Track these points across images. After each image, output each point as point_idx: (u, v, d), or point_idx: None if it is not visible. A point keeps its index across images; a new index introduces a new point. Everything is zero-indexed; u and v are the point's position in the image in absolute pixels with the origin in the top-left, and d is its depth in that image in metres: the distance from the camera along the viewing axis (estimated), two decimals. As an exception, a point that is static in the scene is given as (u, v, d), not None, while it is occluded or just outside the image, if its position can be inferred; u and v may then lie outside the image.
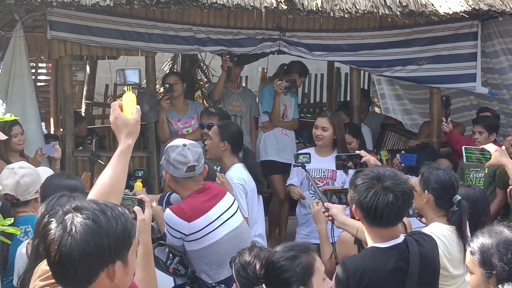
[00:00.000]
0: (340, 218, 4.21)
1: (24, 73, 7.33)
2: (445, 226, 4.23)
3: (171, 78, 8.24)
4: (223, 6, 6.88)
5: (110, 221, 2.28)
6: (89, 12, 7.13)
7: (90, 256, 2.23)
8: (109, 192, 2.87)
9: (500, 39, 8.59)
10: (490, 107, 9.32)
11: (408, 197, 3.50)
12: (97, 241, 2.23)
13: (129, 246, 2.33)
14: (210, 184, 4.90)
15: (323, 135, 6.73)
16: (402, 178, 3.55)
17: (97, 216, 2.27)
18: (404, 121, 11.01)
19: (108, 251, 2.25)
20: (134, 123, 3.06)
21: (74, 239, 2.22)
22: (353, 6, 7.24)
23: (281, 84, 8.09)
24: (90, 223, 2.25)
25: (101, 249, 2.24)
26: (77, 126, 8.61)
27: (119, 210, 2.35)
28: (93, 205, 2.32)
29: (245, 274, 3.84)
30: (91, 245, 2.22)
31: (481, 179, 7.27)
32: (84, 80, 13.66)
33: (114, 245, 2.26)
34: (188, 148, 4.65)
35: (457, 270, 4.20)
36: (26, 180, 4.66)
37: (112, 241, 2.26)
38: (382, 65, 8.30)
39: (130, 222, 2.36)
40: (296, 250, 3.43)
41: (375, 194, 3.43)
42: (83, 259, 2.22)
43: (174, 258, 4.66)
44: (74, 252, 2.21)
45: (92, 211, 2.29)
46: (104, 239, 2.24)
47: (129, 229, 2.33)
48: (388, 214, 3.43)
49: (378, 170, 3.60)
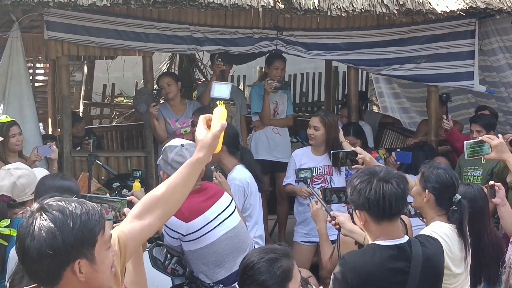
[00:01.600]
0: (347, 226, 4.20)
1: (21, 74, 7.32)
2: (446, 225, 4.22)
3: (164, 80, 8.21)
4: (220, 5, 6.87)
5: (67, 220, 2.30)
6: (86, 12, 7.12)
7: (46, 256, 2.27)
8: (157, 202, 2.92)
9: (497, 37, 8.59)
10: (488, 105, 9.33)
11: (405, 182, 3.59)
12: (51, 242, 2.27)
13: (91, 244, 2.35)
14: (207, 184, 4.90)
15: (315, 134, 6.74)
16: (392, 170, 3.73)
17: (54, 216, 2.31)
18: (402, 120, 11.02)
19: (64, 251, 2.28)
20: (210, 137, 3.02)
21: (32, 239, 2.28)
22: (350, 5, 7.23)
23: (272, 83, 8.05)
24: (47, 224, 2.29)
25: (55, 249, 2.27)
26: (75, 127, 8.62)
27: (83, 208, 2.37)
28: (56, 205, 2.36)
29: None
30: (45, 246, 2.27)
31: (479, 177, 7.26)
32: (82, 80, 13.66)
33: (70, 244, 2.29)
34: (186, 148, 4.65)
35: (459, 269, 4.20)
36: (22, 181, 4.66)
37: (68, 240, 2.28)
38: (379, 64, 8.29)
39: (95, 219, 2.37)
40: (277, 253, 3.38)
41: (378, 185, 3.49)
42: (41, 259, 2.27)
43: (172, 258, 4.66)
44: (32, 252, 2.27)
45: (51, 212, 2.32)
46: (58, 239, 2.28)
47: (91, 227, 2.35)
48: (395, 200, 3.48)
49: (369, 168, 3.68)
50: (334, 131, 6.76)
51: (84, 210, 2.36)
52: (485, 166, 7.21)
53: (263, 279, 3.29)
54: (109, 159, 7.78)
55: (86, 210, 2.37)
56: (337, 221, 4.30)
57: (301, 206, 6.84)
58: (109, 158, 7.82)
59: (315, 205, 4.87)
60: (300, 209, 6.85)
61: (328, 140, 6.72)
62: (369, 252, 3.54)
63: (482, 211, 4.84)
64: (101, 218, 2.41)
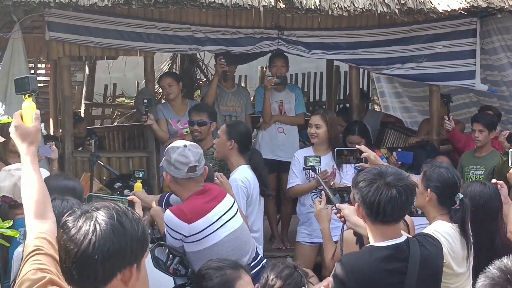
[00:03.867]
0: (352, 219, 4.16)
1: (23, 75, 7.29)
2: (449, 224, 4.22)
3: (165, 81, 8.18)
4: (221, 5, 6.87)
5: (132, 223, 2.28)
6: (87, 12, 7.13)
7: (112, 256, 2.22)
8: (45, 204, 2.89)
9: (499, 36, 8.57)
10: (489, 104, 9.32)
11: (411, 192, 3.49)
12: (121, 242, 2.23)
13: (146, 251, 2.33)
14: (210, 185, 4.89)
15: (317, 132, 6.71)
16: (404, 174, 3.56)
17: (121, 217, 2.27)
18: (404, 119, 11.01)
19: (129, 253, 2.25)
20: (35, 131, 3.06)
21: (99, 238, 2.22)
22: (351, 4, 7.23)
23: (271, 79, 8.05)
24: (115, 223, 2.25)
25: (124, 250, 2.24)
26: (76, 127, 8.61)
27: (135, 214, 2.35)
28: (113, 206, 2.32)
29: (264, 286, 3.89)
30: (116, 245, 2.22)
31: (481, 176, 7.27)
32: (83, 81, 13.66)
33: (135, 248, 2.26)
34: (189, 149, 4.66)
35: (461, 268, 4.20)
36: (22, 182, 4.64)
37: (134, 243, 2.26)
38: (381, 63, 8.29)
39: (146, 228, 2.37)
40: (224, 263, 3.66)
41: (378, 189, 3.43)
42: (105, 259, 2.21)
43: (174, 258, 4.65)
44: (97, 251, 2.21)
45: (116, 212, 2.29)
46: (128, 240, 2.24)
47: (147, 234, 2.34)
48: (391, 209, 3.42)
49: (380, 167, 3.61)
50: (335, 129, 6.77)
51: (137, 216, 2.35)
52: (487, 165, 7.22)
53: (206, 286, 3.66)
54: (110, 159, 7.78)
55: (139, 217, 2.35)
56: (342, 213, 4.30)
57: (303, 206, 6.82)
58: (111, 159, 7.81)
59: (318, 205, 4.86)
60: (303, 209, 6.83)
61: (330, 137, 6.70)
62: (365, 254, 3.53)
63: (496, 211, 4.82)
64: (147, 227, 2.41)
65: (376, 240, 3.51)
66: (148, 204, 5.26)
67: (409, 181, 3.51)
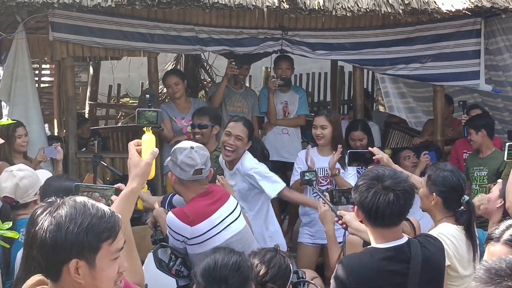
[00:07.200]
0: (353, 224, 4.16)
1: (27, 75, 7.32)
2: (454, 226, 4.20)
3: (171, 79, 8.14)
4: (225, 6, 6.87)
5: (77, 218, 2.32)
6: (90, 13, 7.12)
7: (47, 247, 2.30)
8: None
9: (503, 36, 8.56)
10: (494, 104, 9.33)
11: (409, 196, 3.46)
12: (55, 234, 2.30)
13: (93, 248, 2.34)
14: (214, 187, 4.86)
15: (323, 133, 6.69)
16: (402, 177, 3.53)
17: (66, 212, 2.33)
18: (408, 119, 11.00)
19: (63, 247, 2.30)
20: (143, 166, 2.99)
21: (41, 227, 2.33)
22: (355, 4, 7.23)
23: (275, 81, 8.10)
24: (58, 217, 2.32)
25: (57, 242, 2.30)
26: (80, 128, 8.62)
27: (99, 212, 2.36)
28: (76, 201, 2.38)
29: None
30: (48, 236, 2.30)
31: (485, 177, 7.29)
32: (88, 81, 13.67)
33: (71, 242, 2.30)
34: (195, 151, 4.62)
35: (466, 271, 4.17)
36: (25, 183, 4.65)
37: (70, 237, 2.30)
38: (385, 64, 8.28)
39: (105, 226, 2.36)
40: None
41: (376, 194, 3.41)
42: (42, 248, 2.32)
43: (177, 259, 4.64)
44: (37, 239, 2.33)
45: (67, 206, 2.35)
46: (62, 233, 2.29)
47: (98, 231, 2.34)
48: (389, 214, 3.41)
49: (377, 170, 3.57)
50: (339, 128, 6.76)
51: (99, 214, 2.35)
52: (490, 166, 7.22)
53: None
54: (114, 160, 7.78)
55: (100, 214, 2.36)
56: (344, 220, 4.29)
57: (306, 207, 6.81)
58: (114, 159, 7.81)
59: (323, 206, 4.84)
60: (306, 210, 6.81)
61: (334, 138, 6.69)
62: (366, 255, 3.51)
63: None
64: (115, 228, 2.39)
65: (377, 242, 3.50)
66: (151, 206, 5.25)
67: (408, 184, 3.49)
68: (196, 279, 3.60)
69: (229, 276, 3.55)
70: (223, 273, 3.55)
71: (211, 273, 3.58)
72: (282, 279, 3.93)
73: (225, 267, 3.56)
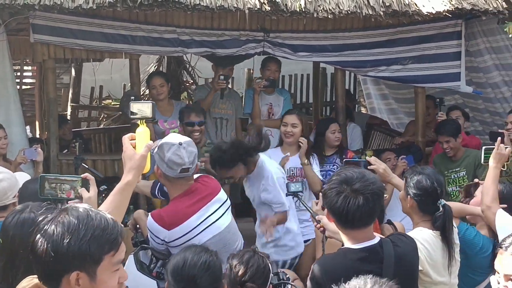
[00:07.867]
0: (330, 227, 4.18)
1: (8, 77, 7.29)
2: (429, 231, 4.18)
3: (156, 81, 8.10)
4: (207, 7, 6.87)
5: (80, 229, 2.29)
6: (71, 15, 7.08)
7: (48, 256, 2.28)
8: None
9: (484, 38, 8.62)
10: (475, 106, 9.38)
11: (378, 197, 3.50)
12: (57, 245, 2.27)
13: (95, 260, 2.32)
14: (198, 185, 4.76)
15: (294, 131, 6.80)
16: (371, 179, 3.54)
17: (70, 221, 2.30)
18: (390, 121, 11.04)
19: (65, 257, 2.28)
20: (138, 158, 2.99)
21: (43, 235, 2.31)
22: (336, 6, 7.25)
23: (260, 82, 8.16)
24: (61, 226, 2.29)
25: (58, 252, 2.27)
26: (62, 128, 8.58)
27: (102, 223, 2.34)
28: (80, 210, 2.34)
29: (229, 275, 3.90)
30: (50, 246, 2.28)
31: (464, 177, 7.30)
32: (70, 83, 13.61)
33: (73, 253, 2.28)
34: (183, 148, 4.54)
35: (440, 276, 4.16)
36: (3, 185, 4.61)
37: (72, 249, 2.27)
38: (366, 65, 8.30)
39: (109, 238, 2.34)
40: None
41: (345, 199, 3.43)
42: (43, 257, 2.29)
43: (158, 261, 4.62)
44: (38, 247, 2.30)
45: (71, 215, 2.32)
46: (64, 244, 2.27)
47: (101, 243, 2.32)
48: (359, 217, 3.44)
49: (346, 173, 3.56)
50: (307, 131, 6.97)
51: (102, 225, 2.33)
52: (467, 167, 7.24)
53: None
54: (96, 162, 7.76)
55: (104, 226, 2.33)
56: (322, 223, 4.31)
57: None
58: (96, 161, 7.79)
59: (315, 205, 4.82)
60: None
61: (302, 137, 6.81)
62: (340, 255, 3.54)
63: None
64: (117, 239, 2.37)
65: (350, 243, 3.54)
66: (140, 190, 5.49)
67: (376, 186, 3.50)
68: (167, 277, 3.62)
69: (198, 275, 3.57)
70: (191, 273, 3.58)
71: (179, 272, 3.61)
72: (261, 279, 3.95)
73: (193, 267, 3.59)
